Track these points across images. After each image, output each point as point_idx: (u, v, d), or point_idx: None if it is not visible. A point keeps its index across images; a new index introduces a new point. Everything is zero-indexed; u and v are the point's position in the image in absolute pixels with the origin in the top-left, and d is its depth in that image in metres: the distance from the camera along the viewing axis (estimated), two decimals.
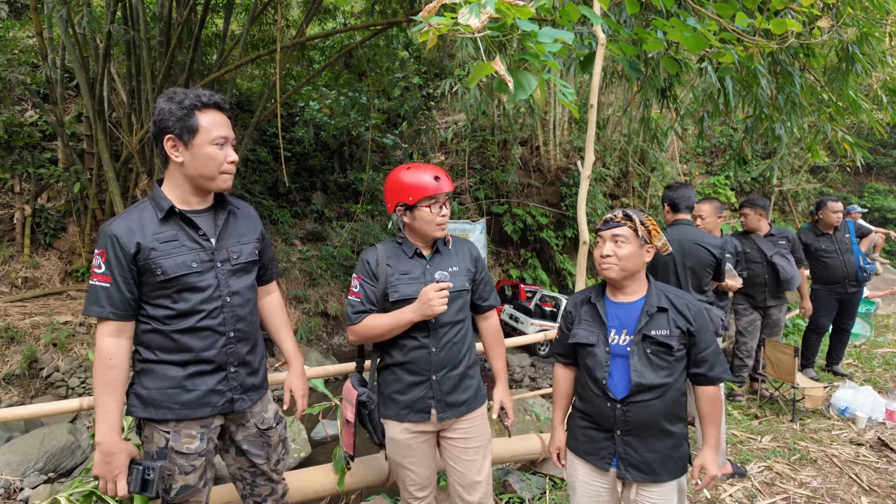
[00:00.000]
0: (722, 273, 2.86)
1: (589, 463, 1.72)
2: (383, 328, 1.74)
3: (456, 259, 1.87)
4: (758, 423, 3.73)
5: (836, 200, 4.50)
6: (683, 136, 14.01)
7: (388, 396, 1.83)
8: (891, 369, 5.08)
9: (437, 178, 1.75)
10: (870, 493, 2.83)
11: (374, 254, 1.83)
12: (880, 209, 14.38)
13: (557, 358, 1.86)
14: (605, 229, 1.70)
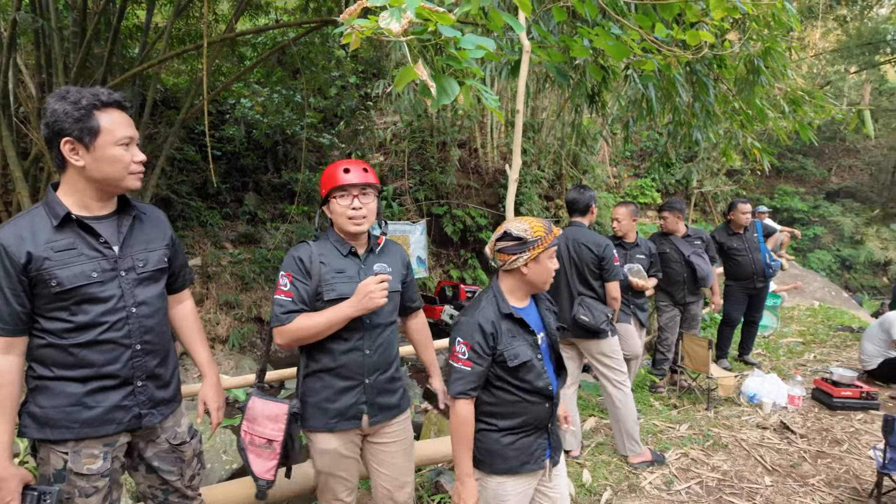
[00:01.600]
0: (607, 271, 2.97)
1: (525, 473, 1.69)
2: (319, 327, 1.65)
3: (389, 260, 1.85)
4: (676, 413, 3.96)
5: (745, 202, 4.84)
6: (612, 141, 14.60)
7: (315, 405, 1.74)
8: (794, 357, 5.54)
9: (346, 170, 1.71)
10: (772, 472, 3.07)
11: (306, 250, 1.74)
12: (788, 209, 15.60)
13: (470, 394, 1.61)
14: (553, 247, 1.67)
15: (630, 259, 3.74)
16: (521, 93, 3.07)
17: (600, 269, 2.96)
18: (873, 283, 14.35)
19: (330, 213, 1.78)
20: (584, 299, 2.94)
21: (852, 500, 2.77)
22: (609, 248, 2.98)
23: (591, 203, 3.14)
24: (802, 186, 16.67)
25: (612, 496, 2.78)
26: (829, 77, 17.53)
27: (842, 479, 3.00)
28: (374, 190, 1.78)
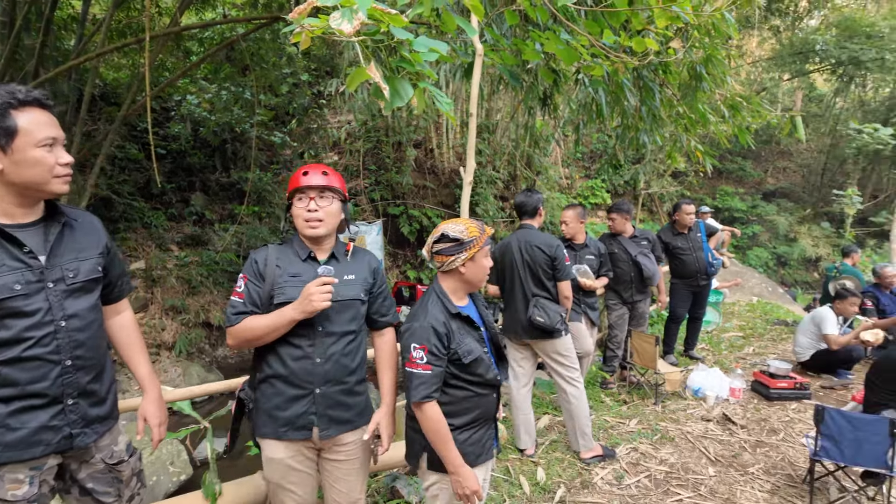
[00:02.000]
0: (559, 271, 3.03)
1: (481, 465, 1.77)
2: (263, 329, 1.64)
3: (353, 268, 1.80)
4: (626, 408, 4.09)
5: (689, 203, 5.05)
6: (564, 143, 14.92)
7: (266, 412, 1.71)
8: (735, 351, 5.82)
9: (305, 172, 1.70)
10: (716, 463, 3.21)
11: (263, 253, 1.75)
12: (729, 209, 16.37)
13: (433, 396, 1.64)
14: (486, 246, 1.77)
15: (579, 260, 3.83)
16: (474, 96, 3.09)
17: (552, 269, 3.02)
18: (806, 278, 15.23)
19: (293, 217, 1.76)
20: (539, 300, 2.98)
21: (788, 487, 2.93)
22: (560, 248, 3.04)
23: (539, 205, 3.19)
24: (741, 187, 17.51)
25: (566, 493, 2.83)
26: (765, 84, 18.51)
27: (778, 466, 3.17)
28: (335, 194, 1.75)
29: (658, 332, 5.35)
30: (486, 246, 1.76)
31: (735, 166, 17.82)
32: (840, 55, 14.64)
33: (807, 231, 15.95)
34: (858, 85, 18.24)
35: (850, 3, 18.14)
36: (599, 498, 2.79)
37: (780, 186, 17.83)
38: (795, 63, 17.01)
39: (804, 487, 2.87)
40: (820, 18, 18.29)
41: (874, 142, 13.34)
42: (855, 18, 15.35)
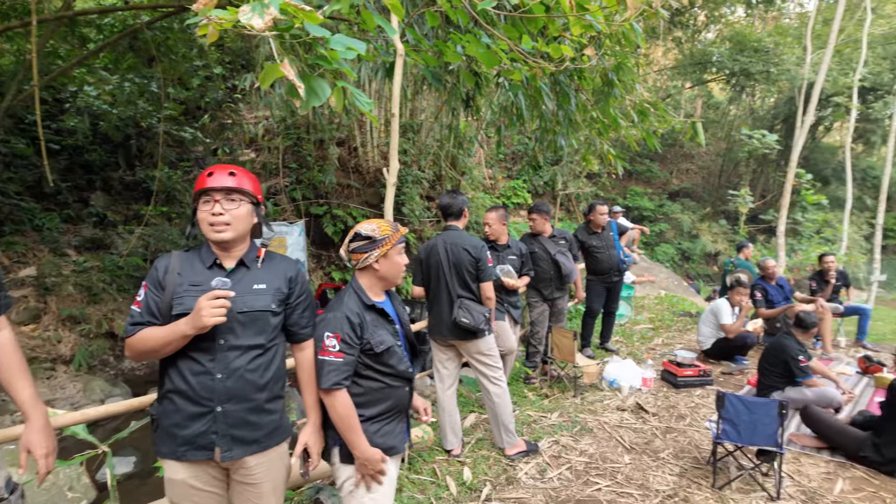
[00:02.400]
0: (482, 272, 3.08)
1: (393, 457, 1.83)
2: (157, 342, 1.53)
3: (265, 276, 1.67)
4: (548, 402, 4.23)
5: (603, 204, 5.30)
6: (487, 144, 15.21)
7: (166, 430, 1.58)
8: (646, 342, 6.19)
9: (210, 173, 1.59)
10: (630, 451, 3.40)
11: (165, 261, 1.64)
12: (638, 208, 17.43)
13: (343, 384, 1.71)
14: (400, 244, 1.84)
15: (502, 260, 3.91)
16: (396, 96, 3.06)
17: (476, 270, 3.05)
18: (707, 271, 16.54)
19: None
20: (463, 301, 3.01)
21: (694, 469, 3.16)
22: (484, 249, 3.08)
23: (464, 207, 3.22)
24: (650, 187, 18.71)
25: (492, 491, 2.88)
26: (669, 91, 19.88)
27: (686, 450, 3.41)
28: (245, 196, 1.63)
29: (576, 327, 5.59)
30: (400, 244, 1.82)
31: (644, 168, 19.00)
32: (733, 66, 16.03)
33: (707, 228, 17.32)
34: (749, 94, 20.08)
35: (740, 19, 19.87)
36: (524, 493, 2.86)
37: (684, 187, 19.23)
38: (695, 72, 18.41)
39: (708, 468, 3.10)
40: (716, 32, 19.92)
41: (762, 146, 14.70)
42: (745, 34, 16.85)
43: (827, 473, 3.12)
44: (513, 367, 4.76)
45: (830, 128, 19.53)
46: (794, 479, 3.03)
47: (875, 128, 16.50)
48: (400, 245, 1.83)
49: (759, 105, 20.90)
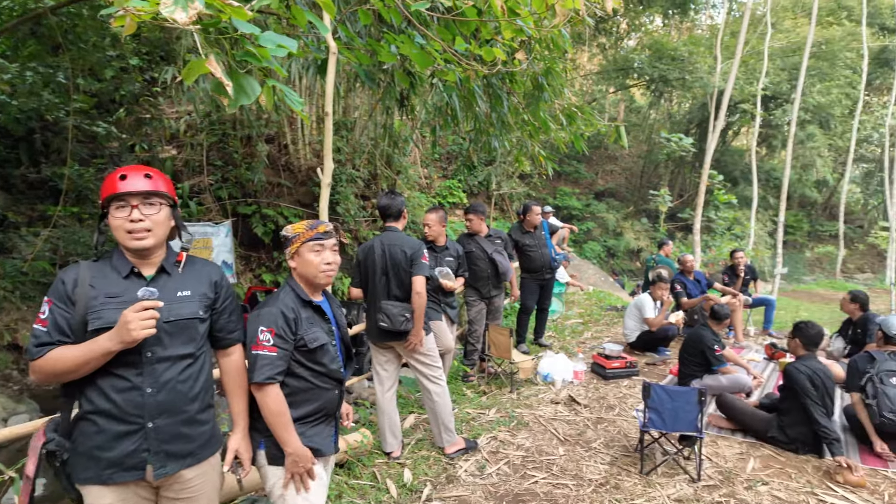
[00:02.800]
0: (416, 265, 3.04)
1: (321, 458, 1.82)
2: (73, 362, 1.40)
3: (188, 282, 1.59)
4: (486, 399, 4.30)
5: (536, 205, 5.46)
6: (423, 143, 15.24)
7: (86, 454, 1.46)
8: (576, 336, 6.44)
9: (123, 176, 1.46)
10: (565, 442, 3.52)
11: (73, 273, 1.47)
12: (567, 207, 18.11)
13: (276, 378, 1.69)
14: (325, 238, 1.82)
15: (440, 262, 3.93)
16: (329, 95, 3.00)
17: (412, 267, 3.04)
18: (631, 267, 17.44)
19: (109, 228, 1.50)
20: (383, 304, 3.00)
21: (623, 456, 3.32)
22: (421, 248, 3.07)
23: (402, 208, 3.20)
24: (577, 188, 19.49)
25: (433, 490, 2.89)
26: (595, 95, 20.78)
27: (616, 439, 3.57)
28: (163, 199, 1.53)
29: (511, 325, 5.72)
30: (312, 241, 1.79)
31: (572, 169, 19.74)
32: (652, 73, 16.97)
33: (630, 226, 18.25)
34: (667, 99, 21.34)
35: (658, 28, 21.09)
36: (464, 490, 2.89)
37: (608, 187, 20.17)
38: (618, 78, 19.33)
39: (636, 455, 3.26)
40: (637, 40, 21.04)
41: (679, 149, 15.69)
42: (662, 43, 17.89)
43: (741, 453, 3.38)
44: (451, 366, 4.81)
45: (738, 132, 21.16)
46: (713, 461, 3.26)
47: (776, 133, 18.05)
48: (313, 243, 1.79)
49: (677, 110, 22.28)
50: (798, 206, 22.60)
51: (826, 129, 17.63)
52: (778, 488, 2.93)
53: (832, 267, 20.34)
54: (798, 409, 3.29)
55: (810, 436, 3.26)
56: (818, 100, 16.62)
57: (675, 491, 2.89)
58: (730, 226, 16.23)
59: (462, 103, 5.32)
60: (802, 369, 3.29)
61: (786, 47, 17.67)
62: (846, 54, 17.53)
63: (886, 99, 17.41)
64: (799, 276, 19.58)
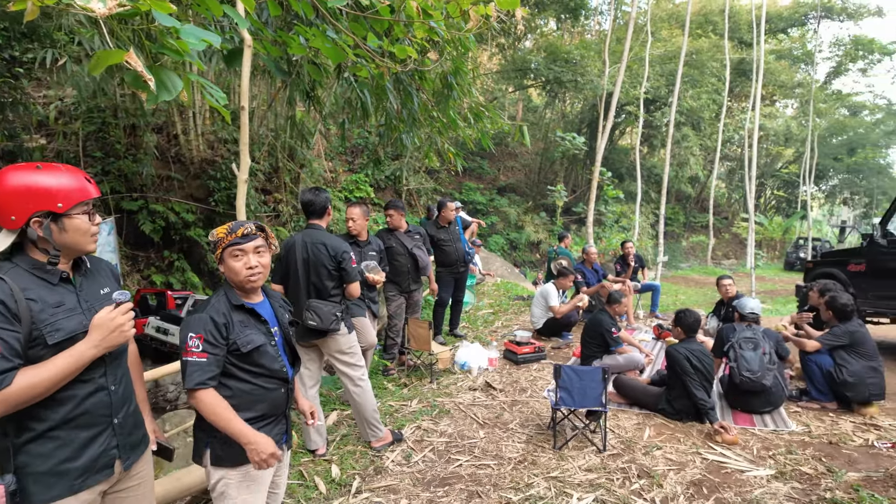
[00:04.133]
0: (346, 272, 3.03)
1: None
2: (52, 380, 1.32)
3: (102, 280, 1.58)
4: (407, 391, 4.39)
5: (452, 201, 5.62)
6: (327, 136, 14.89)
7: (48, 473, 1.36)
8: (488, 326, 6.72)
9: (88, 179, 1.47)
10: (484, 426, 3.70)
11: (4, 289, 1.31)
12: (472, 202, 18.65)
13: (208, 383, 1.66)
14: (244, 242, 1.77)
15: (364, 256, 3.94)
16: (244, 89, 2.91)
17: (338, 271, 3.03)
18: (531, 258, 18.36)
19: (62, 231, 1.41)
20: (311, 303, 2.97)
21: (537, 434, 3.57)
22: (347, 252, 3.04)
23: (327, 204, 3.17)
24: (482, 183, 20.09)
25: (362, 483, 2.93)
26: (495, 94, 21.50)
27: (530, 419, 3.82)
28: None
29: (428, 317, 5.85)
30: (231, 247, 1.76)
31: (476, 165, 20.32)
32: (547, 74, 17.91)
33: (530, 220, 19.16)
34: (561, 100, 22.62)
35: (552, 31, 22.25)
36: (392, 480, 2.96)
37: (510, 182, 21.01)
38: (517, 78, 20.17)
39: (549, 433, 3.53)
40: (533, 42, 22.04)
41: (573, 147, 16.75)
42: (556, 46, 18.93)
43: (638, 424, 3.77)
44: (372, 361, 4.84)
45: (624, 132, 22.99)
46: (615, 433, 3.61)
47: (656, 133, 19.86)
48: (232, 248, 1.75)
49: (570, 110, 23.69)
50: (675, 199, 25.10)
51: (697, 131, 19.71)
52: (670, 452, 3.33)
53: (704, 254, 22.89)
54: (681, 385, 3.74)
55: (692, 407, 3.73)
56: (691, 104, 18.53)
57: (584, 462, 3.18)
58: (618, 218, 17.67)
59: (373, 98, 5.34)
60: (681, 351, 3.74)
61: (664, 55, 19.47)
62: (713, 64, 19.71)
63: (745, 105, 19.82)
64: (677, 263, 21.79)
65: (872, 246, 5.44)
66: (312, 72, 4.37)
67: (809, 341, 4.15)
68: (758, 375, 3.83)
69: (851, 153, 27.67)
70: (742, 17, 22.17)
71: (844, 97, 28.76)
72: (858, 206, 31.21)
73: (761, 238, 26.66)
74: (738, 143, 21.87)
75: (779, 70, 22.88)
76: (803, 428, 3.71)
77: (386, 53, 4.55)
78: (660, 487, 2.89)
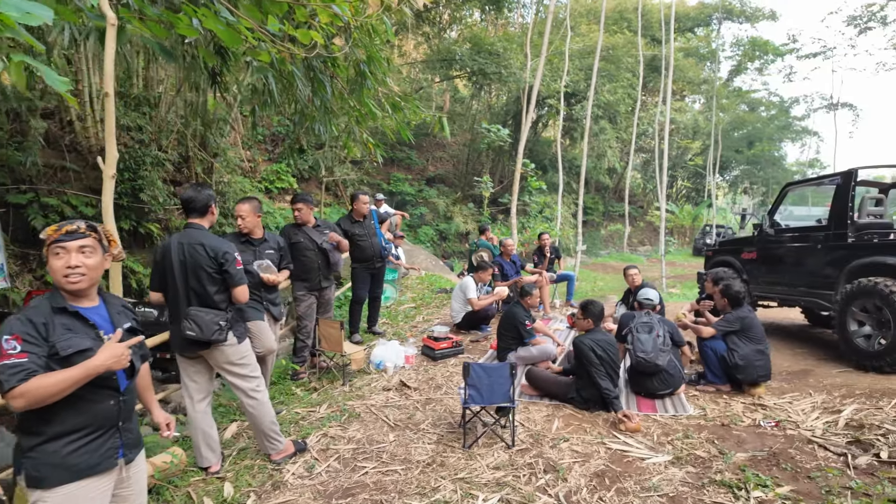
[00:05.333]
0: (230, 276, 2.79)
1: (96, 475, 1.69)
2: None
3: None
4: (317, 395, 4.20)
5: (364, 194, 5.43)
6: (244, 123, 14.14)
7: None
8: (409, 321, 6.62)
9: None
10: (395, 428, 3.60)
11: None
12: (401, 193, 18.44)
13: (26, 380, 1.54)
14: (68, 241, 1.67)
15: (259, 255, 3.68)
16: (108, 73, 2.59)
17: (221, 274, 2.78)
18: (461, 249, 18.46)
19: None
20: (190, 311, 2.72)
21: (448, 433, 3.51)
22: (229, 253, 2.78)
23: (210, 202, 2.88)
24: (410, 174, 19.92)
25: (257, 500, 2.74)
26: (421, 83, 21.31)
27: (442, 417, 3.77)
28: None
29: (343, 315, 5.66)
30: (53, 244, 1.67)
31: (404, 155, 20.10)
32: (472, 66, 17.95)
33: (459, 211, 19.25)
34: (487, 92, 22.79)
35: (477, 22, 22.32)
36: (291, 495, 2.79)
37: (439, 173, 20.98)
38: (443, 68, 20.07)
39: (460, 431, 3.48)
40: (458, 32, 21.99)
41: (497, 139, 16.93)
42: (480, 37, 19.01)
43: (547, 416, 3.81)
44: (278, 365, 4.60)
45: (547, 125, 23.55)
46: (525, 426, 3.62)
47: (576, 126, 20.47)
48: (54, 245, 1.66)
49: (496, 102, 23.93)
50: (595, 190, 26.14)
51: (614, 124, 20.53)
52: (576, 443, 3.38)
53: (621, 242, 24.03)
54: (588, 375, 3.82)
55: (599, 396, 3.82)
56: (608, 98, 19.24)
57: (493, 460, 3.15)
58: (541, 209, 18.11)
59: (280, 85, 5.05)
60: (587, 342, 3.83)
61: (583, 49, 20.06)
62: (628, 59, 20.56)
63: (657, 99, 20.88)
64: (597, 250, 22.73)
65: (762, 235, 5.84)
66: (206, 56, 4.04)
67: (705, 328, 4.38)
68: (651, 356, 4.04)
69: (750, 146, 30.09)
70: (654, 15, 23.28)
71: (744, 94, 31.16)
72: (757, 194, 34.04)
73: (673, 226, 28.39)
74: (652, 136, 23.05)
75: (687, 67, 24.30)
76: (700, 411, 3.90)
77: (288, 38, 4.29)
78: (564, 482, 2.91)
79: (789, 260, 5.49)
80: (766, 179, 31.80)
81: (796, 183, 5.96)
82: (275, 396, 4.14)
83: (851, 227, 4.86)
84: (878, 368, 4.36)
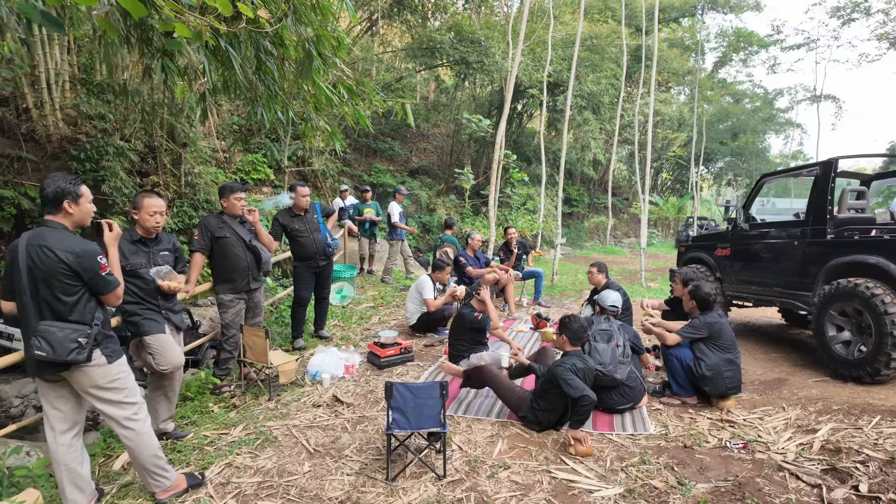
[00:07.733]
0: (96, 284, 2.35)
1: None
2: None
3: None
4: (235, 414, 3.75)
5: (303, 185, 4.97)
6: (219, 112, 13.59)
7: None
8: (364, 322, 6.17)
9: None
10: (314, 455, 3.16)
11: None
12: (383, 184, 17.93)
13: None
14: None
15: (154, 258, 3.21)
16: None
17: (80, 281, 2.31)
18: None
19: None
20: (41, 326, 2.25)
21: (374, 461, 3.07)
22: (89, 257, 2.31)
23: (63, 196, 2.33)
24: (393, 165, 19.41)
25: None
26: (403, 73, 20.72)
27: (372, 440, 3.33)
28: None
29: (286, 317, 5.21)
30: None
31: (386, 146, 19.58)
32: (455, 55, 17.42)
33: (442, 202, 18.77)
34: (471, 82, 22.23)
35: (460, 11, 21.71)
36: None
37: (422, 165, 20.48)
38: (426, 57, 19.50)
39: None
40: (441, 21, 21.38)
41: (480, 130, 16.45)
42: (463, 25, 18.44)
43: (491, 437, 3.39)
44: (198, 378, 4.15)
45: (531, 116, 23.04)
46: (463, 450, 3.20)
47: (560, 117, 19.98)
48: None
49: (480, 92, 23.38)
50: (580, 182, 25.73)
51: (598, 115, 20.08)
52: (518, 471, 2.96)
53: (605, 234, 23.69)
54: (553, 400, 3.35)
55: (555, 422, 3.41)
56: (591, 88, 18.78)
57: (418, 495, 2.73)
58: (524, 201, 17.69)
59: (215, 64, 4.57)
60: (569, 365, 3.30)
61: (566, 38, 19.56)
62: (611, 49, 20.09)
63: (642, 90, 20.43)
64: (581, 242, 22.37)
65: (736, 230, 5.44)
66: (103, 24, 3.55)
67: (670, 335, 3.97)
68: (609, 369, 3.61)
69: (735, 138, 29.83)
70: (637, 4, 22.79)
71: (728, 86, 30.83)
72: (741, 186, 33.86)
73: (657, 217, 28.09)
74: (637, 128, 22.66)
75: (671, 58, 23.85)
76: (661, 430, 3.51)
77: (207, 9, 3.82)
78: None
79: (765, 257, 5.10)
80: (749, 171, 31.62)
81: (772, 174, 5.55)
82: (186, 415, 3.68)
83: (831, 222, 4.48)
84: (858, 378, 4.00)
